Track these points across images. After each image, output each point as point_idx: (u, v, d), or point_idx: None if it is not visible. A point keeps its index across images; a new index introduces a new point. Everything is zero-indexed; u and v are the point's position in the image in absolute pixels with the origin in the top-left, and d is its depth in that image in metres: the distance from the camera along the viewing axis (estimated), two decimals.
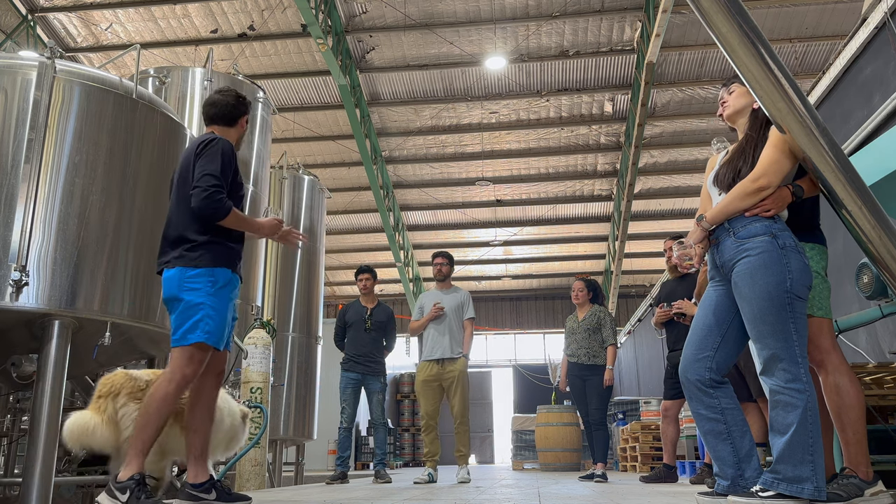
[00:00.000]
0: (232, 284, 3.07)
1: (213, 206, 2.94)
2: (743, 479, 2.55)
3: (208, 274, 2.97)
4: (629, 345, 15.96)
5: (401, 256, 17.52)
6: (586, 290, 6.55)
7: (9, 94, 3.74)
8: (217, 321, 2.95)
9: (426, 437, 5.82)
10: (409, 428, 17.35)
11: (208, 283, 2.96)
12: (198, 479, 2.99)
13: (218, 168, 2.99)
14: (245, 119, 3.33)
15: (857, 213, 2.56)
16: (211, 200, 2.93)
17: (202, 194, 2.93)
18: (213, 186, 2.94)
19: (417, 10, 11.64)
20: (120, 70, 11.89)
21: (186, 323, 2.92)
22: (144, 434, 2.82)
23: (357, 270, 6.59)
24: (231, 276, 3.06)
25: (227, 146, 3.10)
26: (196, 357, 2.92)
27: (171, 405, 2.88)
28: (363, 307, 6.47)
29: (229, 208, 2.98)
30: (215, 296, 2.97)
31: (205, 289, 2.95)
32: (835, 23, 11.47)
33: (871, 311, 3.14)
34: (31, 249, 3.56)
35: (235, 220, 3.03)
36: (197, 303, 2.93)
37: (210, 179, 2.95)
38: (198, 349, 2.92)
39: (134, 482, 2.74)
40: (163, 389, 2.86)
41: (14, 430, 4.65)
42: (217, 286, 2.98)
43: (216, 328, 2.95)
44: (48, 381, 3.49)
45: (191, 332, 2.90)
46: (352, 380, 6.27)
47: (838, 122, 5.41)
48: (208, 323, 2.92)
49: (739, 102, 2.86)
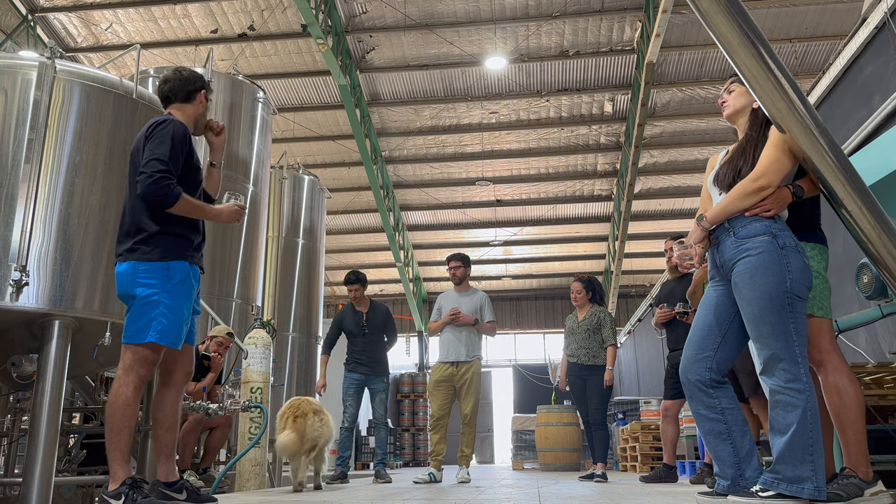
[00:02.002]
0: (190, 278, 2.91)
1: (159, 193, 2.75)
2: (743, 478, 2.55)
3: (163, 269, 2.82)
4: (629, 345, 15.97)
5: (401, 256, 17.52)
6: (585, 291, 6.55)
7: (9, 94, 3.74)
8: (171, 319, 2.81)
9: (433, 437, 5.83)
10: (409, 428, 17.35)
11: (163, 279, 2.81)
12: (170, 477, 2.93)
13: (166, 152, 2.80)
14: (203, 94, 3.12)
15: (857, 213, 2.56)
16: (157, 186, 2.74)
17: (147, 180, 2.74)
18: (160, 171, 2.76)
19: (417, 10, 11.64)
20: (120, 70, 11.89)
21: (139, 321, 2.78)
22: (119, 443, 2.73)
23: (346, 279, 6.44)
24: (188, 268, 2.90)
25: (179, 127, 2.90)
26: (149, 357, 2.80)
27: (135, 406, 2.76)
28: (358, 313, 6.44)
29: (178, 194, 2.80)
30: (170, 292, 2.82)
31: (159, 285, 2.80)
32: (835, 23, 11.47)
33: (871, 311, 3.14)
34: (31, 249, 3.56)
35: (188, 207, 2.85)
36: (152, 300, 2.78)
37: (157, 164, 2.76)
38: (150, 349, 2.80)
39: (126, 486, 2.68)
40: (122, 394, 2.74)
41: (14, 430, 4.65)
42: (173, 281, 2.83)
43: (170, 327, 2.81)
44: (48, 381, 3.49)
45: (143, 331, 2.77)
46: (355, 380, 6.30)
47: (838, 122, 5.41)
48: (161, 322, 2.78)
49: (739, 102, 2.86)
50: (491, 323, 5.92)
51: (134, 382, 2.76)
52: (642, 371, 14.47)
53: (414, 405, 17.54)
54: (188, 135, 2.96)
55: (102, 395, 5.10)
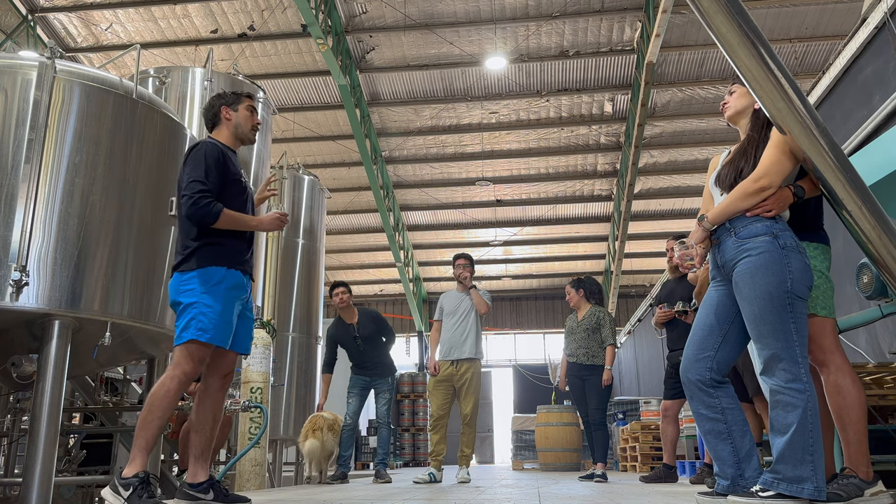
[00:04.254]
0: (230, 281, 3.04)
1: (200, 213, 2.96)
2: (743, 478, 2.55)
3: (201, 274, 2.99)
4: (629, 345, 15.96)
5: (401, 256, 17.52)
6: (574, 291, 6.56)
7: (9, 94, 3.74)
8: (211, 318, 2.94)
9: (434, 437, 5.83)
10: (409, 428, 17.34)
11: (201, 283, 2.98)
12: (196, 478, 2.99)
13: (202, 173, 3.01)
14: (226, 109, 3.30)
15: (857, 213, 2.56)
16: (197, 207, 2.95)
17: (188, 202, 2.96)
18: (199, 192, 2.97)
19: (417, 10, 11.64)
20: (120, 70, 11.89)
21: (182, 323, 2.95)
22: (147, 432, 2.84)
23: (332, 285, 6.43)
24: (226, 272, 3.03)
25: (211, 148, 3.10)
26: (195, 354, 2.93)
27: (173, 402, 2.90)
28: (348, 325, 6.38)
29: (218, 211, 2.99)
30: (209, 293, 2.97)
31: (197, 288, 2.97)
32: (835, 23, 11.47)
33: (871, 311, 3.14)
34: (31, 249, 3.56)
35: (229, 220, 3.04)
36: (190, 302, 2.96)
37: (195, 186, 2.98)
38: (195, 346, 2.93)
39: (138, 480, 2.76)
40: (165, 386, 2.88)
41: (14, 430, 4.65)
42: (210, 283, 2.98)
43: (211, 325, 2.94)
44: (48, 381, 3.49)
45: (185, 331, 2.93)
46: (360, 380, 6.33)
47: (838, 122, 5.41)
48: (201, 320, 2.93)
49: (740, 103, 2.86)
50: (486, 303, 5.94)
51: (179, 378, 2.91)
52: (642, 371, 14.47)
53: (414, 405, 17.53)
54: (223, 152, 3.15)
55: (102, 395, 5.10)
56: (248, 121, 3.34)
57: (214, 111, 3.31)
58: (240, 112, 3.32)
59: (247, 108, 3.34)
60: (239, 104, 3.33)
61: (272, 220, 3.22)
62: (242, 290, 3.13)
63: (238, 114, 3.31)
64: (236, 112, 3.31)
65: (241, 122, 3.32)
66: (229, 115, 3.30)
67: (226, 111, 3.31)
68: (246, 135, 3.34)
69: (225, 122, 3.30)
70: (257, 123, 3.39)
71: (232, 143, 3.31)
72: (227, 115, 3.30)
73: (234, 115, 3.30)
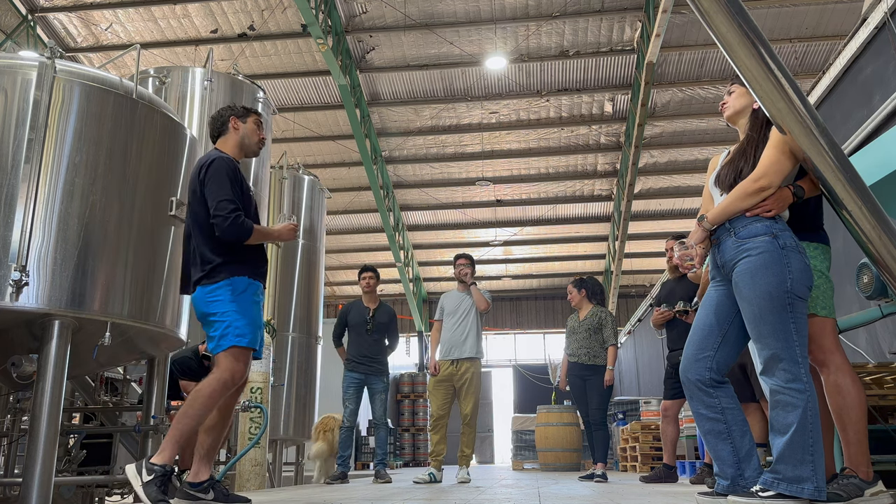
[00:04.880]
0: (251, 288, 3.17)
1: (237, 232, 3.06)
2: (743, 478, 2.55)
3: (227, 284, 3.09)
4: (629, 345, 15.96)
5: (401, 256, 17.52)
6: (576, 291, 6.57)
7: (9, 94, 3.74)
8: (245, 322, 3.07)
9: (434, 437, 5.83)
10: (409, 428, 17.34)
11: (227, 292, 3.08)
12: (198, 477, 3.00)
13: (228, 190, 3.10)
14: (235, 120, 3.38)
15: (857, 213, 2.56)
16: (235, 226, 3.05)
17: (225, 223, 3.05)
18: (233, 211, 3.06)
19: (417, 10, 11.64)
20: (120, 70, 11.89)
21: (217, 332, 3.05)
22: (183, 425, 2.91)
23: (361, 269, 6.62)
24: (248, 282, 3.16)
25: (227, 163, 3.19)
26: (239, 357, 3.04)
27: (216, 401, 2.98)
28: (365, 308, 6.46)
29: (251, 228, 3.10)
30: (236, 301, 3.08)
31: (225, 297, 3.07)
32: (835, 23, 11.47)
33: (871, 311, 3.14)
34: (31, 249, 3.55)
35: (258, 235, 3.15)
36: (222, 311, 3.06)
37: (227, 205, 3.07)
38: (238, 350, 3.03)
39: (162, 470, 2.82)
40: (210, 385, 2.97)
41: (14, 430, 4.65)
42: (237, 293, 3.10)
43: (246, 329, 3.06)
44: (48, 381, 3.48)
45: (223, 339, 3.03)
46: (354, 380, 6.29)
47: (838, 122, 5.41)
48: (237, 326, 3.04)
49: (739, 103, 2.86)
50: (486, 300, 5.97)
51: (225, 381, 3.00)
52: (642, 371, 14.47)
53: (414, 405, 17.52)
54: (235, 165, 3.24)
55: (102, 395, 5.09)
56: (254, 134, 3.41)
57: (223, 120, 3.38)
58: (248, 125, 3.39)
59: (254, 123, 3.42)
60: (248, 117, 3.40)
61: (289, 231, 3.33)
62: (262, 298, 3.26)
63: (246, 126, 3.38)
64: (245, 124, 3.38)
65: (248, 135, 3.39)
66: (237, 125, 3.37)
67: (234, 121, 3.37)
68: (251, 148, 3.42)
69: (233, 131, 3.36)
70: (262, 138, 3.46)
71: (237, 153, 3.38)
72: (236, 125, 3.37)
73: (242, 127, 3.37)
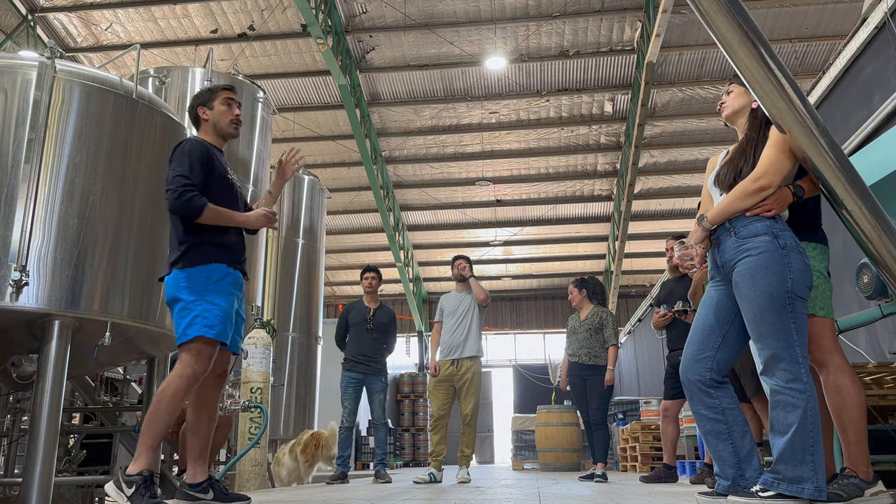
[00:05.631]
0: (229, 279, 3.04)
1: (184, 206, 2.92)
2: (743, 479, 2.55)
3: (202, 271, 2.97)
4: (629, 345, 15.96)
5: (401, 256, 17.51)
6: (577, 290, 6.57)
7: (9, 94, 3.74)
8: (215, 314, 2.93)
9: (434, 437, 5.83)
10: (409, 428, 17.33)
11: (203, 280, 2.96)
12: (195, 479, 2.99)
13: (186, 168, 2.98)
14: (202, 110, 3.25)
15: (857, 213, 2.56)
16: (181, 200, 2.92)
17: (172, 196, 2.93)
18: (183, 186, 2.93)
19: (417, 10, 11.64)
20: (120, 70, 11.89)
21: (185, 320, 2.92)
22: (153, 429, 2.82)
23: (363, 269, 6.65)
24: (227, 270, 3.04)
25: (195, 144, 3.07)
26: (203, 351, 2.91)
27: (181, 400, 2.87)
28: (366, 307, 6.49)
29: (202, 205, 2.95)
30: (211, 290, 2.96)
31: (200, 286, 2.95)
32: (835, 23, 11.47)
33: (871, 311, 3.14)
34: (31, 249, 3.55)
35: (214, 215, 3.00)
36: (192, 299, 2.93)
37: (180, 180, 2.94)
38: (203, 343, 2.91)
39: (142, 478, 2.74)
40: (173, 385, 2.86)
41: (14, 430, 4.65)
42: (212, 280, 2.98)
43: (215, 321, 2.93)
44: (48, 381, 3.48)
45: (191, 328, 2.90)
46: (353, 379, 6.29)
47: (838, 122, 5.41)
48: (205, 317, 2.91)
49: (738, 102, 2.86)
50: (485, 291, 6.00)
51: (188, 376, 2.88)
52: (642, 371, 14.47)
53: (414, 405, 17.52)
54: (207, 148, 3.12)
55: (102, 395, 5.09)
56: (225, 115, 3.27)
57: (193, 114, 3.28)
58: (216, 109, 3.26)
59: (223, 103, 3.27)
60: (214, 100, 3.26)
61: (259, 217, 3.15)
62: (240, 289, 3.13)
63: (214, 111, 3.26)
64: (212, 110, 3.26)
65: (219, 119, 3.26)
66: (206, 114, 3.26)
67: (202, 111, 3.27)
68: (225, 130, 3.28)
69: (203, 122, 3.27)
70: (236, 116, 3.30)
71: (216, 141, 3.27)
72: (204, 114, 3.26)
73: (210, 114, 3.26)
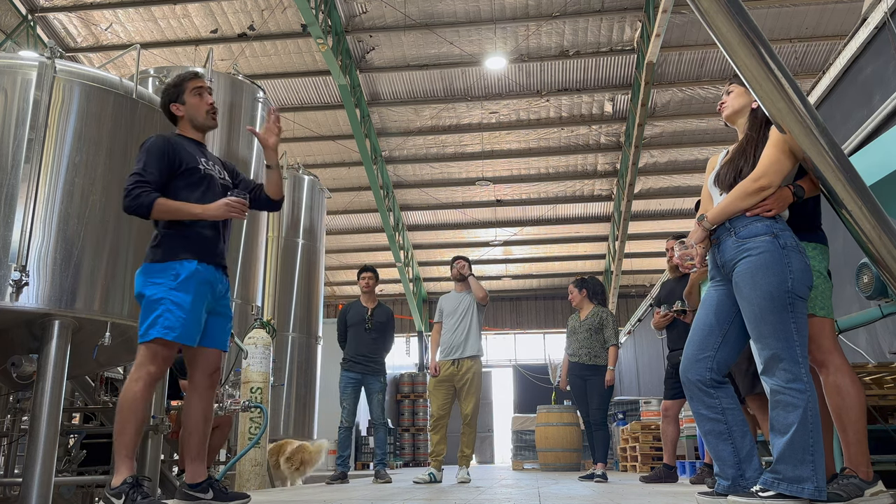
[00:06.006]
0: (199, 276, 2.94)
1: (132, 204, 2.87)
2: (743, 479, 2.55)
3: (170, 267, 2.90)
4: (629, 345, 15.96)
5: (401, 256, 17.51)
6: (577, 290, 6.57)
7: (9, 94, 3.74)
8: (178, 315, 2.84)
9: (434, 437, 5.83)
10: (409, 428, 17.34)
11: (170, 277, 2.88)
12: (195, 479, 2.97)
13: (142, 166, 2.92)
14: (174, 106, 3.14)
15: (857, 213, 2.56)
16: (130, 198, 2.86)
17: (124, 195, 2.89)
18: (134, 184, 2.88)
19: (417, 10, 11.64)
20: (120, 70, 11.89)
21: (148, 318, 2.84)
22: (124, 438, 2.77)
23: (360, 269, 6.65)
24: (197, 266, 2.94)
25: (155, 141, 3.00)
26: (159, 354, 2.84)
27: (142, 403, 2.80)
28: (364, 307, 6.50)
29: (149, 202, 2.86)
30: (178, 289, 2.87)
31: (166, 283, 2.87)
32: (835, 23, 11.47)
33: (871, 311, 3.14)
34: (31, 249, 3.55)
35: (166, 210, 2.90)
36: (157, 298, 2.85)
37: (131, 178, 2.89)
38: (160, 346, 2.83)
39: (128, 485, 2.71)
40: (130, 391, 2.79)
41: (14, 430, 4.65)
42: (180, 279, 2.88)
43: (178, 323, 2.83)
44: (48, 381, 3.48)
45: (152, 328, 2.82)
46: (352, 379, 6.29)
47: (838, 122, 5.41)
48: (167, 318, 2.82)
49: (738, 102, 2.87)
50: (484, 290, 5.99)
51: (144, 379, 2.81)
52: (642, 371, 14.47)
53: (414, 405, 17.53)
54: (170, 143, 3.02)
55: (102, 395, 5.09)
56: (199, 108, 3.15)
57: (167, 112, 3.18)
58: (188, 102, 3.14)
59: (193, 94, 3.14)
60: (183, 93, 3.14)
61: (219, 207, 2.96)
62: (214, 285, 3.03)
63: (186, 105, 3.14)
64: (185, 104, 3.15)
65: (192, 112, 3.14)
66: (179, 110, 3.16)
67: (175, 108, 3.16)
68: (201, 122, 3.17)
69: (179, 118, 3.17)
70: (211, 105, 3.17)
71: (194, 134, 3.17)
72: (178, 110, 3.16)
73: (183, 109, 3.15)
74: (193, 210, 2.95)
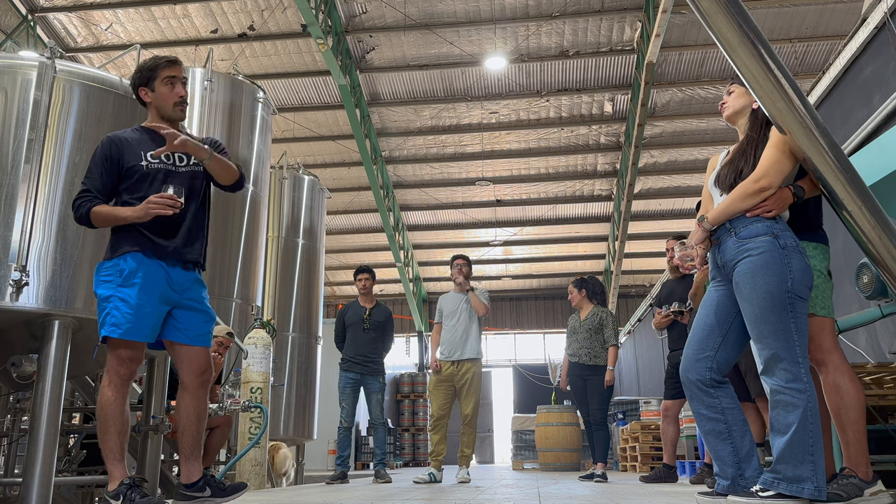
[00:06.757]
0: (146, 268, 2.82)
1: (75, 216, 2.84)
2: (743, 478, 2.55)
3: (116, 264, 2.83)
4: (629, 345, 15.96)
5: (401, 256, 17.52)
6: (577, 290, 6.57)
7: (9, 94, 3.74)
8: (126, 311, 2.75)
9: (434, 437, 5.83)
10: (409, 428, 17.34)
11: (115, 274, 2.81)
12: (190, 479, 2.93)
13: (87, 173, 2.89)
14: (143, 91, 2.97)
15: (857, 213, 2.56)
16: (74, 209, 2.85)
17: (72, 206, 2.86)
18: (78, 194, 2.85)
19: (417, 10, 11.64)
20: (120, 70, 11.89)
21: (100, 318, 2.79)
22: (108, 443, 2.75)
23: (356, 270, 6.66)
24: (141, 260, 2.82)
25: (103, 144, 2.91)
26: (120, 354, 2.78)
27: (119, 405, 2.77)
28: (362, 307, 6.52)
29: (84, 212, 2.81)
30: (124, 285, 2.78)
31: (114, 280, 2.81)
32: (835, 23, 11.47)
33: (871, 311, 3.14)
34: (31, 249, 3.56)
35: (101, 218, 2.83)
36: (106, 296, 2.79)
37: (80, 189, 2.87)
38: (120, 346, 2.78)
39: (125, 487, 2.70)
40: (103, 395, 2.77)
41: (14, 430, 4.65)
42: (124, 274, 2.80)
43: (123, 319, 2.74)
44: (48, 381, 3.48)
45: (101, 327, 2.77)
46: (351, 379, 6.30)
47: (838, 122, 5.41)
48: (114, 315, 2.75)
49: (738, 103, 2.87)
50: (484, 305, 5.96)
51: (113, 381, 2.78)
52: (642, 371, 14.47)
53: (414, 405, 17.53)
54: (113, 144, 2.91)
55: None
56: (167, 98, 2.96)
57: (136, 95, 3.00)
58: (157, 90, 2.95)
59: (165, 83, 2.95)
60: (155, 80, 2.95)
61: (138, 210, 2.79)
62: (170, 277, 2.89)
63: (156, 93, 2.96)
64: (154, 91, 2.96)
65: (161, 102, 2.96)
66: (148, 96, 2.97)
67: (143, 93, 2.98)
68: (170, 114, 2.98)
69: (149, 104, 2.98)
70: (181, 98, 2.98)
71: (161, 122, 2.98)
72: (146, 96, 2.98)
73: (152, 96, 2.97)
74: (121, 214, 2.83)
